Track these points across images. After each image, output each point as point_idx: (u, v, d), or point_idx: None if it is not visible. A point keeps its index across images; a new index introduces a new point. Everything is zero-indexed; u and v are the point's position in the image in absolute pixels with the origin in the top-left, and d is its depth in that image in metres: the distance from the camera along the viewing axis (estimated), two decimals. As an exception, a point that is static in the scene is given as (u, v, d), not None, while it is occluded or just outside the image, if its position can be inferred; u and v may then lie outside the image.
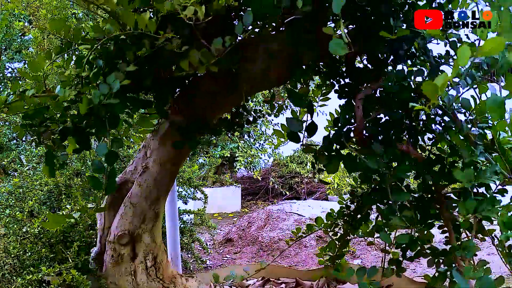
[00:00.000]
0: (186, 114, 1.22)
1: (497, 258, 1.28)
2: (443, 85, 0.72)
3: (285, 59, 1.21)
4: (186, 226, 4.15)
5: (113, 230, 1.29)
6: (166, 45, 0.96)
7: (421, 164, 1.22)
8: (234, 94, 1.21)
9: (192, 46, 0.99)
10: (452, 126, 1.08)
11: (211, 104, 1.21)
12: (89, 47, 0.96)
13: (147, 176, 1.29)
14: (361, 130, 1.22)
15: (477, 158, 1.02)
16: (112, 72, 0.95)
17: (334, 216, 1.65)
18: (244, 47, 1.18)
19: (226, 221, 7.85)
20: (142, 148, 1.37)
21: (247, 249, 5.17)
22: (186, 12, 0.92)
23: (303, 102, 1.10)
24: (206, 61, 0.97)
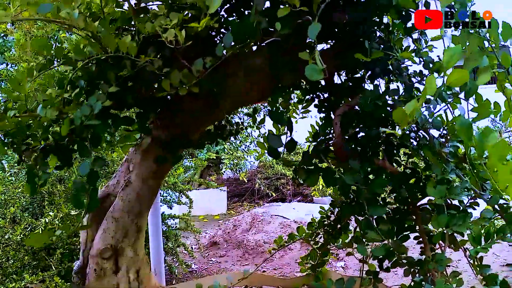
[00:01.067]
0: (169, 130, 1.24)
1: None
2: (412, 112, 0.75)
3: (267, 75, 1.23)
4: (171, 231, 4.15)
5: (96, 245, 1.30)
6: (148, 66, 0.98)
7: (396, 178, 1.26)
8: (216, 110, 1.23)
9: (173, 67, 1.02)
10: (426, 143, 1.13)
11: (193, 121, 1.23)
12: (71, 68, 0.97)
13: (129, 190, 1.30)
14: (339, 145, 1.25)
15: (448, 175, 1.06)
16: (93, 92, 0.96)
17: (315, 226, 1.69)
18: (226, 64, 1.20)
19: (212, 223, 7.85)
20: (124, 161, 1.38)
21: (232, 252, 5.19)
22: (166, 34, 0.94)
23: (283, 120, 1.13)
24: (187, 81, 0.99)
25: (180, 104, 1.16)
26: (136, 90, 1.04)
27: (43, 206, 3.25)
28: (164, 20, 1.01)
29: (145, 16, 1.11)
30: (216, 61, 1.01)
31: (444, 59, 0.69)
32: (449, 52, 0.68)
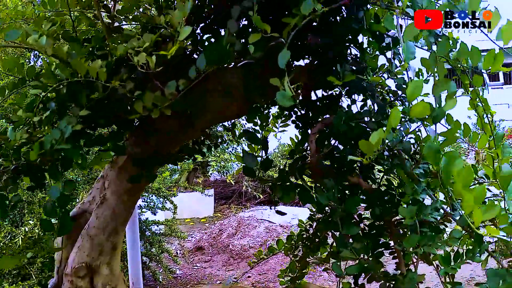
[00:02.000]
0: (144, 147, 1.23)
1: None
2: (377, 143, 0.77)
3: (244, 93, 1.24)
4: (154, 237, 4.13)
5: (70, 263, 1.29)
6: (120, 88, 0.97)
7: (371, 196, 1.28)
8: (191, 130, 1.23)
9: (147, 87, 1.01)
10: (398, 163, 1.14)
11: (168, 140, 1.23)
12: (41, 91, 0.96)
13: (104, 207, 1.29)
14: (315, 163, 1.27)
15: (419, 196, 1.08)
16: (64, 115, 0.96)
17: (294, 239, 1.70)
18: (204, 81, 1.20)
19: (198, 227, 7.82)
20: (100, 178, 1.37)
21: (218, 257, 5.19)
22: (138, 58, 0.94)
23: (257, 141, 1.14)
24: (160, 104, 0.99)
25: (154, 124, 1.15)
26: (109, 112, 1.04)
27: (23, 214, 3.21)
28: (136, 42, 1.01)
29: (119, 36, 1.11)
30: (189, 83, 1.01)
31: (408, 92, 0.70)
32: (412, 85, 0.70)
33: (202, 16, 1.21)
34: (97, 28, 1.15)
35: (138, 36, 1.12)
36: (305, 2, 0.87)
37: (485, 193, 0.84)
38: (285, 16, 0.94)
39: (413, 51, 0.73)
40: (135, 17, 1.12)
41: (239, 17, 1.04)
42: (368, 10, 1.04)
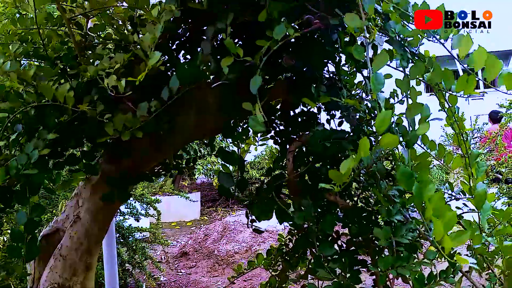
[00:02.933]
0: (117, 166, 1.21)
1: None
2: (347, 172, 0.76)
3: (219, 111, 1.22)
4: (138, 244, 4.08)
5: (42, 283, 1.26)
6: (90, 111, 0.95)
7: (348, 213, 1.27)
8: (165, 148, 1.21)
9: (117, 109, 0.99)
10: (373, 183, 1.14)
11: (140, 159, 1.21)
12: (6, 115, 0.93)
13: (78, 226, 1.26)
14: (292, 182, 1.26)
15: (393, 217, 1.08)
16: (32, 138, 0.93)
17: (273, 253, 1.69)
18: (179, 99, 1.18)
19: (184, 230, 7.77)
20: (74, 196, 1.34)
21: (203, 263, 5.15)
22: (108, 80, 0.92)
23: (233, 161, 1.13)
24: (131, 126, 0.97)
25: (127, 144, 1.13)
26: (79, 134, 1.01)
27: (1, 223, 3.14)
28: (107, 63, 0.99)
29: (91, 54, 1.09)
30: (162, 104, 0.99)
31: (376, 124, 0.70)
32: (380, 117, 0.69)
33: (177, 32, 1.19)
34: (69, 45, 1.13)
35: (111, 54, 1.11)
36: (277, 27, 0.87)
37: (455, 220, 0.84)
38: (261, 36, 0.93)
39: (381, 81, 0.72)
40: (107, 35, 1.10)
41: (213, 37, 1.03)
42: (343, 31, 1.03)
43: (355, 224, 1.26)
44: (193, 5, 1.00)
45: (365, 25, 0.75)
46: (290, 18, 0.92)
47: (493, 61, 0.86)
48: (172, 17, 0.94)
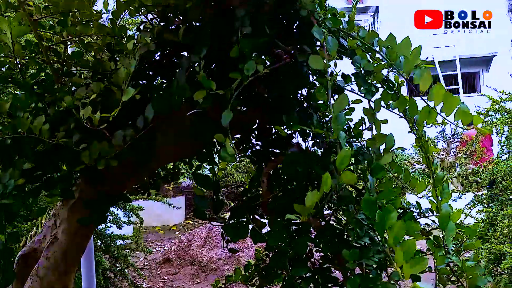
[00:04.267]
0: (94, 190, 1.23)
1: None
2: (310, 206, 0.81)
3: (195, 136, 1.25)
4: (120, 251, 4.07)
5: (19, 304, 1.27)
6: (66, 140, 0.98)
7: (320, 233, 1.32)
8: (145, 171, 1.24)
9: (93, 137, 1.02)
10: (344, 207, 1.19)
11: (120, 182, 1.24)
12: (-18, 145, 0.95)
13: (55, 247, 1.28)
14: (266, 203, 1.30)
15: (362, 240, 1.13)
16: (8, 167, 0.95)
17: (251, 268, 1.72)
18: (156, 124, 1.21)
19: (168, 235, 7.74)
20: (52, 216, 1.35)
21: (186, 269, 5.16)
22: (83, 112, 0.94)
23: (209, 185, 1.16)
24: (107, 154, 1.00)
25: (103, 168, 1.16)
26: (55, 162, 1.03)
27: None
28: (84, 92, 1.01)
29: (68, 81, 1.11)
30: (137, 133, 1.02)
31: (337, 162, 0.75)
32: (341, 155, 0.74)
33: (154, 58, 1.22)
34: (47, 71, 1.15)
35: (89, 81, 1.13)
36: (248, 63, 0.91)
37: (415, 248, 0.89)
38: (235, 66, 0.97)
39: (342, 122, 0.77)
40: (85, 62, 1.13)
41: (188, 68, 1.07)
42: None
43: (327, 244, 1.30)
44: (169, 36, 1.04)
45: (327, 67, 0.80)
46: (260, 53, 0.96)
47: (450, 97, 0.92)
48: (147, 50, 0.98)
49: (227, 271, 4.97)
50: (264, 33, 0.98)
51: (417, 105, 1.08)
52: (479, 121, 0.91)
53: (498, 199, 3.42)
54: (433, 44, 11.82)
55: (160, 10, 1.10)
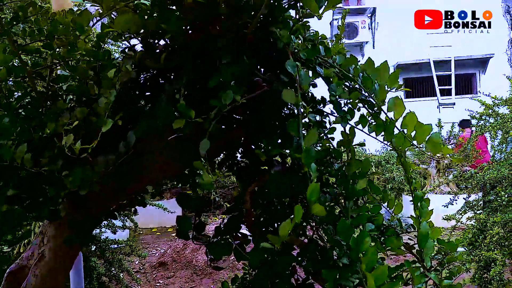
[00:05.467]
0: (79, 210, 1.25)
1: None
2: (284, 235, 0.83)
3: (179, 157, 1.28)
4: (115, 256, 4.09)
5: (7, 321, 1.30)
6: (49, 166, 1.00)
7: (302, 251, 1.35)
8: (130, 190, 1.26)
9: (77, 162, 1.04)
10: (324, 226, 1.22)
11: (105, 202, 1.26)
12: (-34, 173, 0.97)
13: (42, 265, 1.30)
14: (249, 222, 1.33)
15: (340, 260, 1.16)
16: (-8, 193, 0.97)
17: (238, 281, 1.75)
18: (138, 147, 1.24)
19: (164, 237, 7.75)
20: (39, 233, 1.38)
21: (181, 273, 5.19)
22: (65, 140, 0.97)
23: (191, 206, 1.19)
24: (89, 180, 1.02)
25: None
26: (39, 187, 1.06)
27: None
28: (67, 119, 1.04)
29: (53, 106, 1.14)
30: (119, 158, 1.05)
31: (307, 194, 0.77)
32: (310, 188, 0.77)
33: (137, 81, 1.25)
34: (32, 95, 1.17)
35: (74, 104, 1.16)
36: (225, 93, 0.93)
37: (386, 274, 0.92)
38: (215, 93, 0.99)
39: (312, 156, 0.80)
40: (69, 87, 1.15)
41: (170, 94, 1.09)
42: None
43: (309, 261, 1.33)
44: (150, 64, 1.06)
45: (299, 102, 0.83)
46: (239, 81, 0.98)
47: (422, 126, 0.95)
48: (128, 78, 1.00)
49: (222, 274, 5.00)
50: (243, 62, 1.00)
51: (394, 129, 1.11)
52: (448, 152, 0.93)
53: (489, 205, 3.45)
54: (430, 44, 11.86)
55: (143, 35, 1.13)
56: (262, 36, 1.03)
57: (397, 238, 1.35)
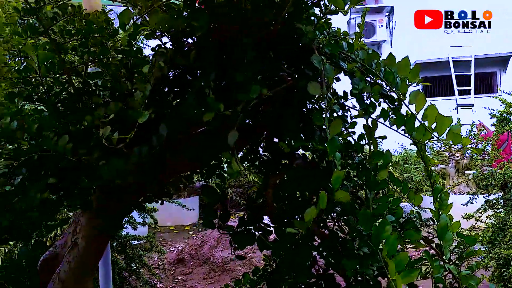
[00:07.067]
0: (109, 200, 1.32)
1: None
2: (309, 220, 0.88)
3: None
4: (135, 252, 4.19)
5: (43, 305, 1.37)
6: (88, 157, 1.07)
7: (324, 242, 1.39)
8: (155, 182, 1.33)
9: (113, 153, 1.11)
10: (345, 217, 1.26)
11: (132, 193, 1.32)
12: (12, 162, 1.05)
13: (75, 252, 1.38)
14: (271, 213, 1.37)
15: (361, 250, 1.20)
16: (34, 182, 1.04)
17: (259, 273, 1.80)
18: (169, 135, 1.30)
19: (182, 235, 7.86)
20: (72, 222, 1.45)
21: (199, 270, 5.27)
22: (102, 131, 1.03)
23: (216, 197, 1.24)
24: (123, 172, 1.08)
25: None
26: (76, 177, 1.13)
27: (3, 234, 3.25)
28: (103, 112, 1.10)
29: (88, 100, 1.21)
30: (151, 149, 1.11)
31: (332, 181, 0.82)
32: (335, 176, 0.81)
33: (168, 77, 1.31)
34: (69, 90, 1.24)
35: (108, 99, 1.22)
36: (252, 87, 0.98)
37: (407, 260, 0.95)
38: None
39: (337, 145, 0.84)
40: (104, 83, 1.22)
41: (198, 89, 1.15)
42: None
43: (330, 252, 1.37)
44: (181, 61, 1.12)
45: (325, 94, 0.87)
46: (264, 76, 1.03)
47: (442, 118, 0.98)
48: (161, 74, 1.06)
49: (239, 271, 5.05)
50: (269, 57, 1.05)
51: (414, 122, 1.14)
52: (468, 142, 0.96)
53: (509, 204, 3.42)
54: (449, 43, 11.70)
55: (173, 34, 1.18)
56: (286, 33, 1.07)
57: (417, 231, 1.38)
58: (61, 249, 1.46)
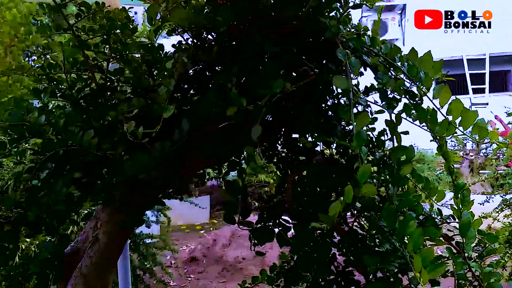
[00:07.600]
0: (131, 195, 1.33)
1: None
2: (335, 214, 0.87)
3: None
4: (149, 250, 4.22)
5: (65, 299, 1.39)
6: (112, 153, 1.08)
7: (344, 238, 1.38)
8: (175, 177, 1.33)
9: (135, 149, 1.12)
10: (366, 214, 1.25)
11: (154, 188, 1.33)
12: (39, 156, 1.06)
13: (96, 247, 1.39)
14: (290, 211, 1.37)
15: (383, 246, 1.19)
16: (60, 176, 1.06)
17: (277, 270, 1.80)
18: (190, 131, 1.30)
19: (193, 234, 7.89)
20: (93, 218, 1.47)
21: (211, 268, 5.28)
22: (127, 126, 1.04)
23: (236, 191, 1.24)
24: (147, 167, 1.09)
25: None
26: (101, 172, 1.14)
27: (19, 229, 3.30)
28: (126, 107, 1.11)
29: (111, 96, 1.22)
30: (173, 145, 1.12)
31: (358, 175, 0.81)
32: (361, 170, 0.81)
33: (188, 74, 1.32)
34: (92, 86, 1.26)
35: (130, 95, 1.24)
36: (276, 82, 0.98)
37: (432, 255, 0.94)
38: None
39: (364, 138, 0.83)
40: (126, 79, 1.23)
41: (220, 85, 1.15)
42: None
43: (349, 249, 1.36)
44: (203, 56, 1.13)
45: (350, 87, 0.87)
46: (287, 70, 1.03)
47: (468, 112, 0.97)
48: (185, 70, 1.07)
49: (252, 270, 5.06)
50: (291, 52, 1.05)
51: (437, 117, 1.13)
52: (495, 137, 0.95)
53: (527, 203, 3.37)
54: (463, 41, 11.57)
55: (195, 30, 1.19)
56: (308, 27, 1.07)
57: (437, 228, 1.37)
58: (82, 244, 1.48)
